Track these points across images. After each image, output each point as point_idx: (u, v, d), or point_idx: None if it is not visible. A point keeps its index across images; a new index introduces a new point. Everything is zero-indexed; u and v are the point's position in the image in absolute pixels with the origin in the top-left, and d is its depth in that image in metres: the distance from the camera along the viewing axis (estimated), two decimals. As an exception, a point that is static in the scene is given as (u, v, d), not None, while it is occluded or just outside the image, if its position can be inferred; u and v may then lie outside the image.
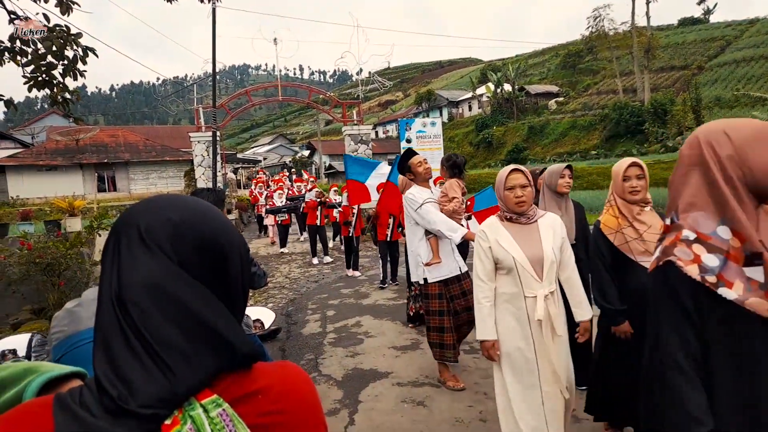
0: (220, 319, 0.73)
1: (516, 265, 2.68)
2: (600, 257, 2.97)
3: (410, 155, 4.47)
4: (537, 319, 2.65)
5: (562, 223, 2.85)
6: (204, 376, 0.69)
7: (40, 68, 3.91)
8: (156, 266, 0.71)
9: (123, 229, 0.74)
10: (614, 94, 47.02)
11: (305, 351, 5.59)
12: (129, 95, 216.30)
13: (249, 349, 0.74)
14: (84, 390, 0.68)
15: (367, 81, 23.11)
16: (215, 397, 0.69)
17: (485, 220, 2.95)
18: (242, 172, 41.96)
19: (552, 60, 71.68)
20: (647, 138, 36.23)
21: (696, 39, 55.68)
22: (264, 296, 8.44)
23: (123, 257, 0.72)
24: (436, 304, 4.24)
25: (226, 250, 0.77)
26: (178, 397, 0.67)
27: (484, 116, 52.85)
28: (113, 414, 0.64)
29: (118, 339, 0.68)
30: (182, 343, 0.69)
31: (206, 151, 15.82)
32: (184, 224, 0.75)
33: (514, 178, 2.77)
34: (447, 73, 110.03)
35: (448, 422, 3.73)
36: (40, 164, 27.70)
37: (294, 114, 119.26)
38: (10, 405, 0.78)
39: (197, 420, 0.66)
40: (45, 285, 7.07)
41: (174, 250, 0.73)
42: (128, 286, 0.70)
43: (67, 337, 1.21)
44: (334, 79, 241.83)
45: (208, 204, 0.81)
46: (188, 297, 0.72)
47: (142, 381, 0.66)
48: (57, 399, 0.67)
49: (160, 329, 0.69)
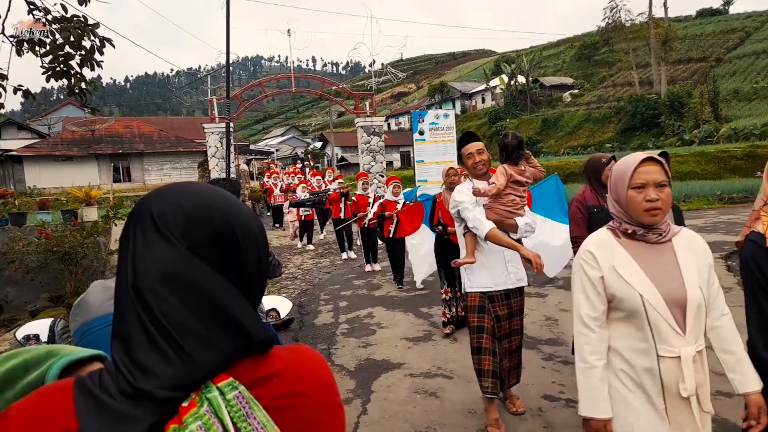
0: (235, 304, 0.73)
1: (645, 307, 1.77)
2: (761, 285, 1.95)
3: (465, 141, 3.56)
4: (681, 395, 1.74)
5: (705, 245, 1.92)
6: (220, 361, 0.70)
7: (58, 58, 3.94)
8: (170, 253, 0.72)
9: (137, 218, 0.75)
10: (630, 86, 46.40)
11: (318, 341, 5.62)
12: (143, 86, 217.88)
13: (264, 335, 0.74)
14: (103, 373, 0.69)
15: (380, 72, 23.03)
16: (231, 380, 0.69)
17: (591, 235, 2.03)
18: (255, 163, 42.12)
19: (567, 52, 70.83)
20: (663, 131, 35.75)
21: (715, 30, 54.67)
22: (277, 287, 8.50)
23: (138, 245, 0.73)
24: (475, 318, 3.47)
25: (239, 237, 0.77)
26: (194, 381, 0.67)
27: (497, 108, 52.47)
28: (131, 398, 0.65)
29: (134, 325, 0.69)
30: (198, 328, 0.70)
31: (220, 142, 15.91)
32: (197, 211, 0.75)
33: (648, 172, 1.82)
34: (460, 64, 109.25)
35: (460, 413, 3.75)
36: (56, 154, 28.04)
37: (306, 105, 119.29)
38: (33, 387, 0.79)
39: (214, 402, 0.67)
40: (62, 273, 7.18)
41: (186, 236, 0.73)
42: (143, 273, 0.71)
43: (78, 327, 1.24)
44: (347, 70, 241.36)
45: (222, 191, 0.81)
46: (203, 283, 0.72)
47: (159, 366, 0.66)
48: (77, 382, 0.68)
49: (177, 315, 0.69)
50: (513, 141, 3.44)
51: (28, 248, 7.03)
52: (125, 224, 0.77)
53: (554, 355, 4.72)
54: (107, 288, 1.26)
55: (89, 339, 1.22)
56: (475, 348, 3.46)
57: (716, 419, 3.36)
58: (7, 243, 7.31)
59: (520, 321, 3.59)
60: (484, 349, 3.41)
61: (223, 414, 0.66)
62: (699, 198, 16.90)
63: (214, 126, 16.15)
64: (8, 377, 0.82)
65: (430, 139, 13.91)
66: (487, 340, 3.43)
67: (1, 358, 0.84)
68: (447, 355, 4.93)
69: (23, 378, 0.82)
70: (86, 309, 1.24)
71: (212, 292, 0.72)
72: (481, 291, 3.47)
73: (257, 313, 0.79)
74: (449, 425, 3.59)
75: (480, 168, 3.46)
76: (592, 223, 3.58)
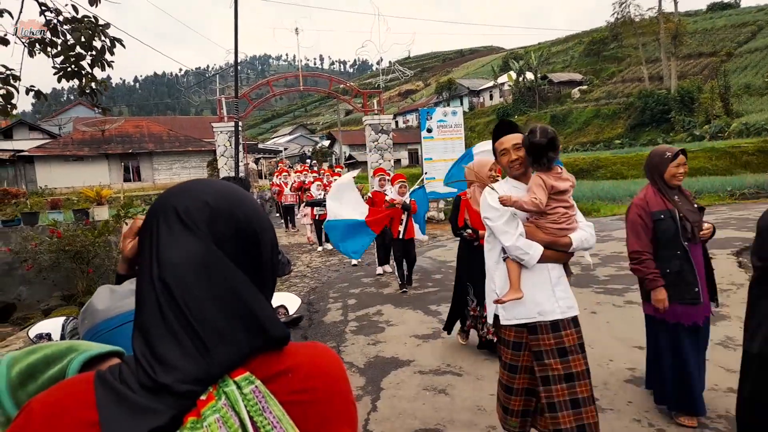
0: (255, 300, 0.75)
1: None
2: None
3: (499, 132, 2.86)
4: None
5: None
6: (237, 357, 0.71)
7: (69, 59, 3.98)
8: (197, 246, 0.73)
9: (161, 212, 0.77)
10: (639, 81, 46.08)
11: (327, 339, 5.64)
12: (152, 86, 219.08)
13: (281, 332, 0.76)
14: (123, 367, 0.71)
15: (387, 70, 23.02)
16: (248, 375, 0.71)
17: None
18: (263, 162, 42.27)
19: (576, 47, 70.42)
20: (673, 127, 35.49)
21: (726, 24, 54.14)
22: (286, 285, 8.53)
23: (162, 238, 0.74)
24: (508, 355, 2.79)
25: (259, 235, 0.79)
26: (212, 375, 0.69)
27: (505, 105, 52.30)
28: (151, 391, 0.67)
29: (156, 318, 0.71)
30: (220, 321, 0.71)
31: (228, 141, 15.96)
32: (221, 208, 0.77)
33: None
34: (468, 61, 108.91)
35: (470, 410, 3.75)
36: (67, 154, 28.33)
37: (314, 104, 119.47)
38: (54, 381, 0.81)
39: (231, 396, 0.68)
40: (74, 272, 7.25)
41: (211, 231, 0.75)
42: (170, 265, 0.72)
43: (86, 331, 1.26)
44: (355, 68, 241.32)
45: (242, 189, 0.84)
46: (228, 277, 0.74)
47: (179, 360, 0.68)
48: (98, 375, 0.70)
49: (201, 307, 0.71)
50: (542, 140, 2.64)
51: (41, 247, 7.10)
52: (146, 219, 0.79)
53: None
54: (114, 292, 1.28)
55: (98, 342, 1.24)
56: (504, 386, 2.84)
57: (728, 417, 3.34)
58: (19, 242, 7.39)
59: (581, 360, 2.65)
60: (516, 390, 2.78)
61: (240, 408, 0.68)
62: (710, 194, 16.78)
63: (222, 125, 16.21)
64: (30, 371, 0.84)
65: (438, 136, 13.90)
66: (520, 380, 2.76)
67: (23, 353, 0.86)
68: (456, 353, 4.93)
69: (44, 372, 0.84)
70: (93, 313, 1.26)
71: (236, 286, 0.74)
72: (522, 323, 2.70)
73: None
74: (458, 422, 3.59)
75: (516, 168, 2.76)
76: (659, 232, 3.20)
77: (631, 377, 4.07)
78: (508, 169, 2.82)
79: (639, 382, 3.95)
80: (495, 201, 2.68)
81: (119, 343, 0.96)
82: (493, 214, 2.71)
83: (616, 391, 3.85)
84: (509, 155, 2.76)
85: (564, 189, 2.71)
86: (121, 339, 1.07)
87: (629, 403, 3.64)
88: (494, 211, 2.70)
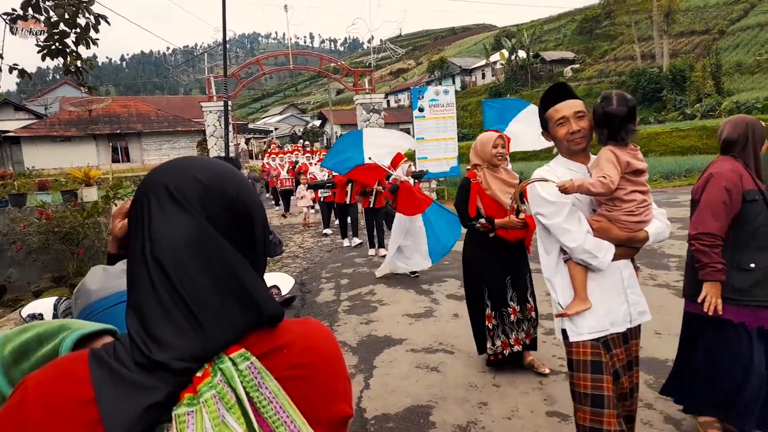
0: (249, 278, 0.75)
1: None
2: None
3: (554, 97, 2.28)
4: None
5: None
6: (232, 334, 0.71)
7: (53, 37, 3.89)
8: (190, 223, 0.73)
9: (151, 190, 0.75)
10: (632, 60, 45.97)
11: (320, 318, 5.67)
12: (139, 65, 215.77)
13: (275, 309, 0.76)
14: (117, 345, 0.71)
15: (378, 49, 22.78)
16: (243, 351, 0.70)
17: None
18: (254, 142, 41.94)
19: (568, 25, 69.95)
20: (665, 105, 35.53)
21: (718, 2, 53.89)
22: (278, 265, 8.54)
23: (155, 216, 0.73)
24: (588, 383, 2.18)
25: (251, 210, 0.79)
26: (208, 353, 0.69)
27: (497, 84, 52.04)
28: (146, 368, 0.67)
29: (150, 298, 0.70)
30: (215, 299, 0.71)
31: (218, 121, 15.79)
32: (213, 184, 0.76)
33: None
34: (460, 39, 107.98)
35: (462, 387, 3.79)
36: (54, 135, 27.92)
37: (305, 83, 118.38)
38: (47, 359, 0.82)
39: (227, 372, 0.68)
40: (64, 253, 7.20)
41: (205, 207, 0.74)
42: (163, 243, 0.71)
43: (80, 311, 1.25)
44: (345, 47, 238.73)
45: (231, 166, 0.83)
46: (221, 254, 0.73)
47: (174, 338, 0.68)
48: (92, 353, 0.70)
49: (196, 285, 0.70)
50: (621, 109, 2.14)
51: (29, 229, 7.03)
52: (136, 197, 0.77)
53: (554, 331, 4.75)
54: (107, 272, 1.27)
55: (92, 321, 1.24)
56: (589, 429, 2.16)
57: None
58: (7, 224, 7.31)
59: (638, 372, 2.38)
60: (611, 424, 2.10)
61: (236, 384, 0.68)
62: (700, 173, 16.83)
63: (212, 105, 16.02)
64: (23, 350, 0.84)
65: (430, 116, 13.82)
66: (610, 419, 2.11)
67: (15, 331, 0.86)
68: (448, 331, 4.97)
69: (37, 351, 0.84)
70: (87, 293, 1.26)
71: (230, 263, 0.73)
72: (595, 337, 2.20)
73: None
74: (450, 398, 3.63)
75: (578, 142, 2.21)
76: (748, 217, 2.62)
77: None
78: (563, 144, 2.25)
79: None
80: (550, 192, 2.16)
81: (113, 323, 0.96)
82: (550, 209, 2.18)
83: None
84: (569, 125, 2.19)
85: (641, 168, 2.18)
86: (115, 318, 1.07)
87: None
88: (550, 206, 2.17)
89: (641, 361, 3.83)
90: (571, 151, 2.26)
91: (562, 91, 2.29)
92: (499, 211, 3.76)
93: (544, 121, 2.32)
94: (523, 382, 3.80)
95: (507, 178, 3.85)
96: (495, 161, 3.77)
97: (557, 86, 2.32)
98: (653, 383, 3.56)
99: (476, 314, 3.97)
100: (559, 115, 2.22)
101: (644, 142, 21.25)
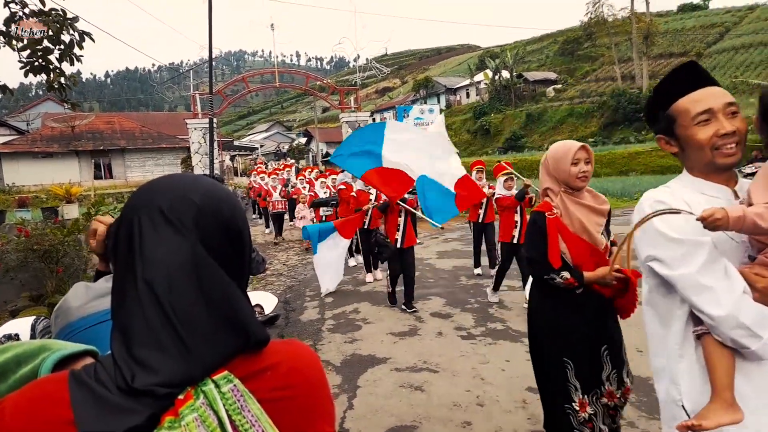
0: (239, 302, 0.75)
1: None
2: None
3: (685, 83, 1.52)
4: None
5: None
6: (219, 359, 0.71)
7: (36, 53, 3.88)
8: (183, 245, 0.72)
9: (142, 209, 0.74)
10: (612, 81, 46.87)
11: (304, 337, 5.62)
12: (124, 81, 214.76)
13: (263, 335, 0.75)
14: (98, 366, 0.70)
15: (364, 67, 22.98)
16: (226, 374, 0.70)
17: None
18: (239, 159, 41.80)
19: (550, 46, 71.24)
20: (645, 125, 36.19)
21: (695, 25, 55.40)
22: (262, 283, 8.46)
23: (147, 237, 0.72)
24: None
25: (243, 232, 0.79)
26: (193, 378, 0.68)
27: (482, 103, 52.64)
28: (128, 393, 0.66)
29: (138, 319, 0.69)
30: (205, 323, 0.70)
31: (203, 138, 15.76)
32: (207, 205, 0.75)
33: None
34: (445, 59, 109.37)
35: (446, 406, 3.77)
36: (35, 151, 27.60)
37: (291, 101, 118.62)
38: (26, 380, 0.80)
39: (209, 395, 0.68)
40: (43, 272, 7.06)
41: (198, 230, 0.73)
42: (156, 265, 0.71)
43: (60, 329, 1.23)
44: (332, 65, 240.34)
45: (223, 186, 0.83)
46: (214, 277, 0.73)
47: (160, 363, 0.67)
48: (72, 375, 0.69)
49: (186, 308, 0.70)
50: None
51: (8, 247, 6.90)
52: (124, 216, 0.76)
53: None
54: (89, 289, 1.26)
55: (72, 341, 1.21)
56: None
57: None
58: (-15, 241, 7.17)
59: None
60: None
61: (218, 406, 0.67)
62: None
63: (197, 122, 16.00)
64: (1, 371, 0.82)
65: (415, 134, 13.88)
66: None
67: None
68: (433, 349, 4.96)
69: (16, 372, 0.83)
70: (67, 311, 1.24)
71: (222, 287, 0.73)
72: None
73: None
74: (435, 418, 3.61)
75: (730, 150, 1.45)
76: None
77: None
78: (705, 154, 1.47)
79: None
80: (675, 226, 1.41)
81: (95, 342, 0.94)
82: (675, 251, 1.42)
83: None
84: (718, 124, 1.44)
85: None
86: (97, 337, 1.05)
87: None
88: (676, 247, 1.41)
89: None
90: (715, 166, 1.47)
91: (695, 74, 1.54)
92: (590, 253, 2.58)
93: (667, 120, 1.55)
94: (507, 401, 3.79)
95: (594, 203, 2.63)
96: (577, 183, 2.57)
97: (689, 66, 1.58)
98: (635, 401, 3.57)
99: (554, 400, 2.66)
100: (701, 108, 1.46)
101: (625, 161, 21.64)
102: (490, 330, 5.38)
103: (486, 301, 6.44)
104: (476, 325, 5.58)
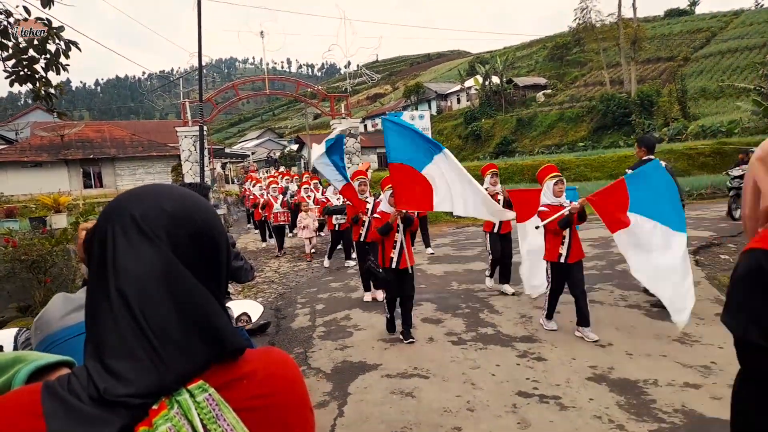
0: (213, 310, 0.74)
1: None
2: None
3: None
4: None
5: None
6: (193, 369, 0.70)
7: (22, 62, 3.86)
8: (156, 255, 0.72)
9: (115, 219, 0.74)
10: (601, 85, 47.28)
11: (294, 345, 5.60)
12: (114, 90, 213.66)
13: (239, 343, 0.75)
14: (72, 378, 0.69)
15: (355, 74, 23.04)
16: (201, 383, 0.70)
17: None
18: (230, 166, 41.65)
19: (540, 52, 71.78)
20: (634, 129, 36.48)
21: (682, 30, 56.10)
22: (253, 291, 8.43)
23: (120, 246, 0.72)
24: None
25: (217, 240, 0.78)
26: (167, 388, 0.68)
27: (472, 109, 52.87)
28: (101, 404, 0.65)
29: (111, 330, 0.69)
30: (178, 333, 0.70)
31: (193, 145, 15.71)
32: (179, 213, 0.75)
33: None
34: (435, 65, 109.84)
35: (436, 412, 3.77)
36: (24, 160, 27.33)
37: (282, 108, 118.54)
38: (0, 392, 0.79)
39: (184, 405, 0.67)
40: (31, 282, 7.00)
41: (171, 237, 0.73)
42: (128, 275, 0.70)
43: (41, 340, 1.22)
44: (322, 72, 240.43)
45: (197, 194, 0.82)
46: (187, 286, 0.72)
47: (133, 373, 0.67)
48: (45, 386, 0.68)
49: (159, 318, 0.69)
50: None
51: (-5, 257, 6.84)
52: (98, 226, 0.76)
53: (528, 352, 4.78)
54: (69, 300, 1.25)
55: (52, 352, 1.21)
56: None
57: (684, 410, 3.45)
58: (-28, 252, 7.10)
59: None
60: None
61: (193, 416, 0.67)
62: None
63: (187, 129, 15.96)
64: None
65: (406, 140, 13.93)
66: None
67: None
68: (423, 355, 4.96)
69: None
70: (47, 323, 1.23)
71: (195, 296, 0.73)
72: None
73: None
74: (425, 424, 3.61)
75: None
76: None
77: (593, 374, 4.16)
78: None
79: (599, 379, 4.04)
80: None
81: (76, 353, 0.94)
82: None
83: (578, 389, 3.93)
84: None
85: None
86: (78, 348, 1.04)
87: (591, 400, 3.73)
88: None
89: (612, 383, 3.89)
90: None
91: None
92: None
93: None
94: (498, 406, 3.79)
95: None
96: None
97: None
98: (624, 404, 3.59)
99: None
100: None
101: (615, 165, 21.77)
102: (481, 335, 5.38)
103: (477, 306, 6.45)
104: (467, 330, 5.58)
